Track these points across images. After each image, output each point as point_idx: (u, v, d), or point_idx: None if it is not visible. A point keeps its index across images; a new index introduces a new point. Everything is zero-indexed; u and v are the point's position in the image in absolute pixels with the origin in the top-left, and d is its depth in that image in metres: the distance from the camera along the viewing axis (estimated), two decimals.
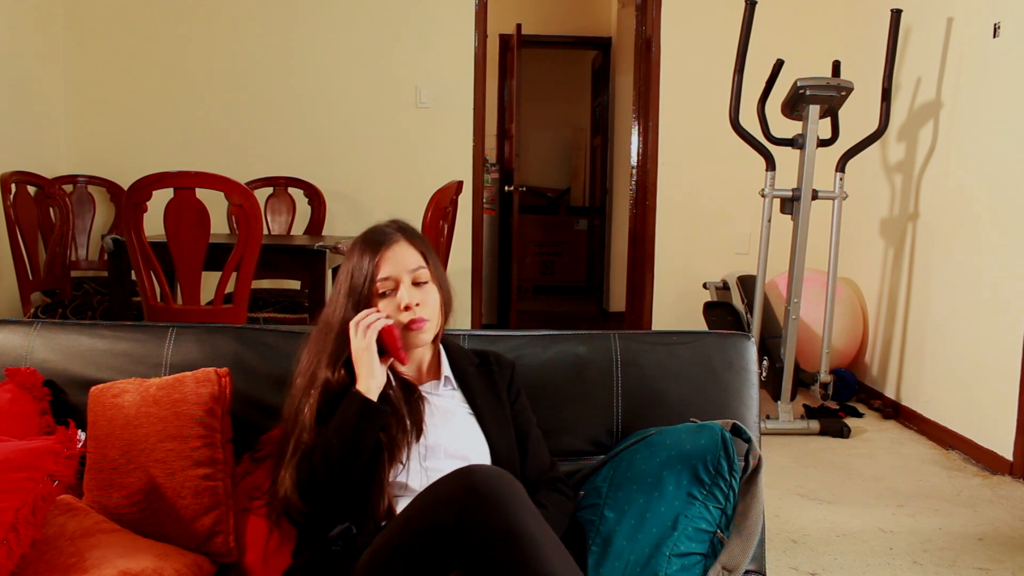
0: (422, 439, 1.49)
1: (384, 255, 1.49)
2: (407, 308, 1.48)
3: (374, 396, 1.44)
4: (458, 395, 1.59)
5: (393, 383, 1.53)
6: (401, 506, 1.45)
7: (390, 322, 1.47)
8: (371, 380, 1.45)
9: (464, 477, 1.27)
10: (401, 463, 1.46)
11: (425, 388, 1.58)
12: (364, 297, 1.49)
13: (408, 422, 1.49)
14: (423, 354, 1.59)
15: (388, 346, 1.46)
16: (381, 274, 1.49)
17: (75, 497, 1.60)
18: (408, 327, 1.49)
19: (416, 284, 1.51)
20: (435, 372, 1.61)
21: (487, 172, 5.78)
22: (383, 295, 1.50)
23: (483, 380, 1.62)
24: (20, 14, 4.26)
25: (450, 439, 1.51)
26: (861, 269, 4.57)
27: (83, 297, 3.61)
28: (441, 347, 1.63)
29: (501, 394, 1.61)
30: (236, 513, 1.62)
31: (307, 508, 1.44)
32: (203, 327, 1.81)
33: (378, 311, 1.48)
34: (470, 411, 1.58)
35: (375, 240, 1.51)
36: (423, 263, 1.52)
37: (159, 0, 4.64)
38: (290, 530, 1.53)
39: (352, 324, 1.46)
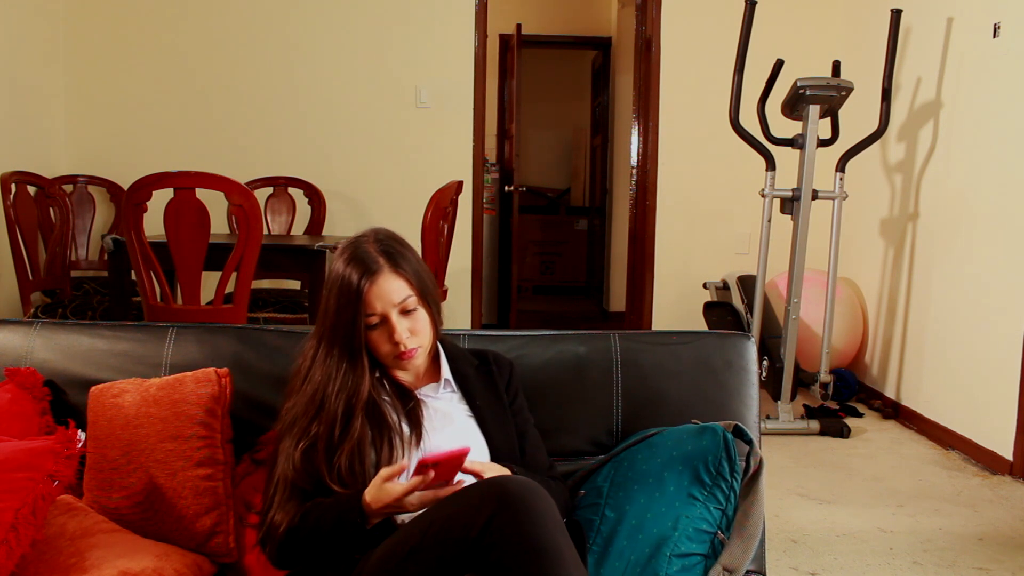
0: (421, 444, 1.49)
1: (371, 291, 1.46)
2: (398, 342, 1.48)
3: (376, 520, 1.38)
4: (457, 397, 1.59)
5: (389, 391, 1.53)
6: None
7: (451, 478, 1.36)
8: (385, 512, 1.37)
9: (497, 487, 1.27)
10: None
11: (424, 392, 1.57)
12: (356, 331, 1.47)
13: (406, 430, 1.49)
14: (425, 362, 1.58)
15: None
16: (369, 310, 1.47)
17: (75, 497, 1.60)
18: (399, 358, 1.49)
19: (405, 312, 1.49)
20: (434, 375, 1.60)
21: (487, 172, 5.78)
22: (373, 326, 1.48)
23: (483, 380, 1.61)
24: (20, 14, 4.26)
25: (449, 442, 1.50)
26: (861, 269, 4.57)
27: (83, 297, 3.61)
28: (440, 349, 1.62)
29: (500, 394, 1.61)
30: (236, 514, 1.62)
31: (288, 568, 1.44)
32: (203, 327, 1.81)
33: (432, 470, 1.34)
34: (470, 413, 1.57)
35: (361, 271, 1.46)
36: (410, 291, 1.49)
37: (159, 1, 4.64)
38: None
39: (421, 498, 1.35)
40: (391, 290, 1.47)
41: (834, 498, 3.04)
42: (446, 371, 1.59)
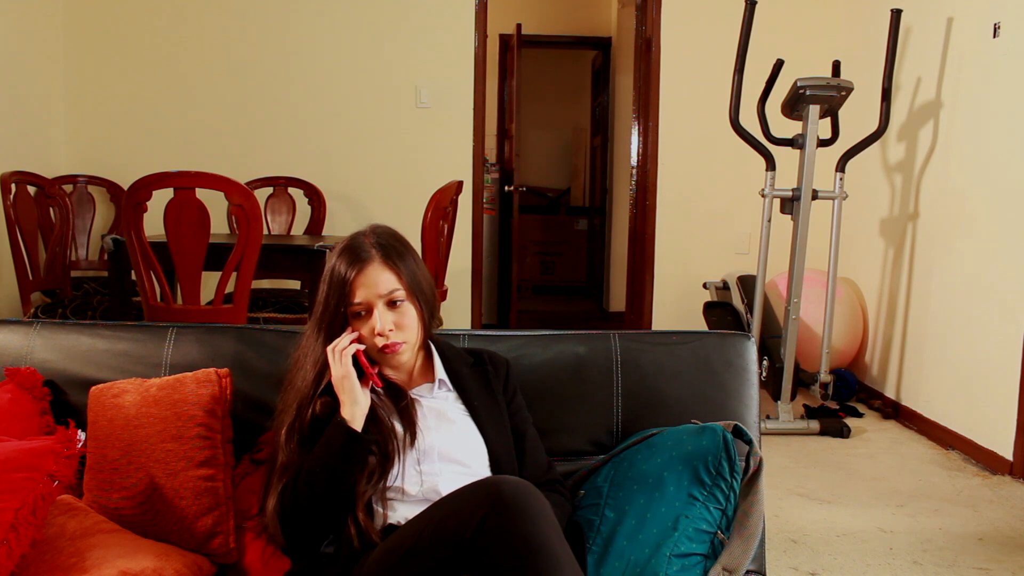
0: (416, 443, 1.49)
1: (358, 280, 1.48)
2: (380, 334, 1.48)
3: (359, 424, 1.44)
4: (452, 396, 1.58)
5: (381, 392, 1.53)
6: (396, 510, 1.46)
7: (361, 347, 1.48)
8: (355, 407, 1.45)
9: (492, 487, 1.27)
10: (393, 469, 1.46)
11: (418, 392, 1.57)
12: (340, 319, 1.50)
13: (400, 429, 1.49)
14: (413, 359, 1.58)
15: (364, 368, 1.48)
16: (355, 299, 1.48)
17: (75, 497, 1.60)
18: (382, 351, 1.50)
19: (391, 305, 1.50)
20: (428, 375, 1.60)
21: (487, 172, 5.78)
22: (359, 315, 1.50)
23: (478, 380, 1.61)
24: (20, 15, 4.26)
25: (444, 441, 1.51)
26: (861, 269, 4.57)
27: (83, 297, 3.61)
28: (433, 348, 1.62)
29: (497, 394, 1.61)
30: (236, 514, 1.62)
31: (288, 541, 1.45)
32: (203, 327, 1.81)
33: (351, 331, 1.49)
34: (466, 412, 1.57)
35: (350, 260, 1.49)
36: (397, 284, 1.50)
37: (159, 1, 4.64)
38: None
39: (329, 351, 1.48)
40: (378, 281, 1.49)
41: (834, 498, 3.04)
42: (440, 371, 1.59)
